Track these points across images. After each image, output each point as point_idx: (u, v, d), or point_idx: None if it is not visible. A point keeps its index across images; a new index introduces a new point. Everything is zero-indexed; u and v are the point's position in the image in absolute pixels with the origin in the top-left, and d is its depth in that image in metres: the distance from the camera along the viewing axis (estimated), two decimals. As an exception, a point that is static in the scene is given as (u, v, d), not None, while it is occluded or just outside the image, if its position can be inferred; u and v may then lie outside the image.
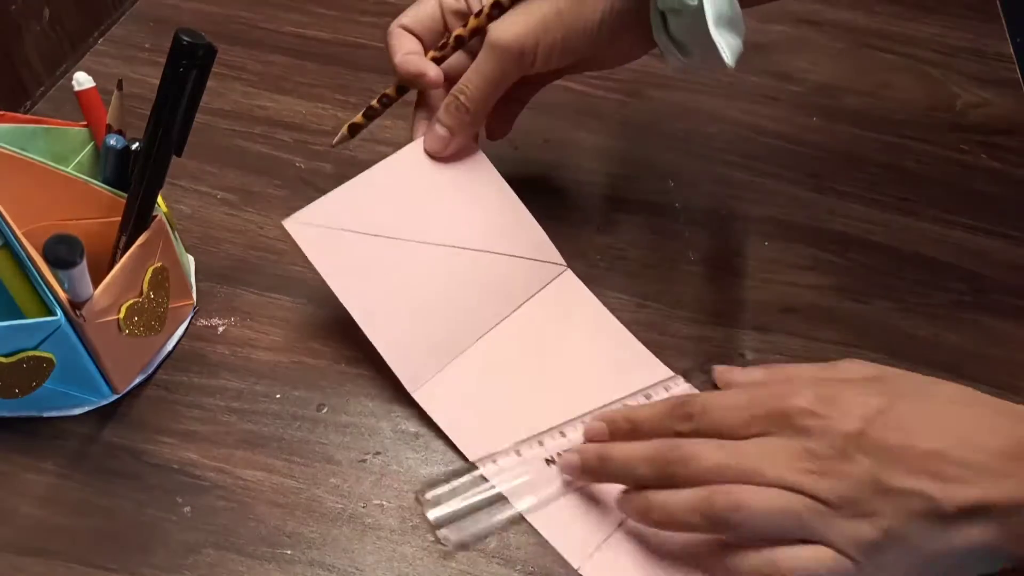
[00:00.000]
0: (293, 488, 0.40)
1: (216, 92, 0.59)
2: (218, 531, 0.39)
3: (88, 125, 0.43)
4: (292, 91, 0.60)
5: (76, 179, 0.41)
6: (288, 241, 0.43)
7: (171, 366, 0.45)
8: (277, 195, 0.53)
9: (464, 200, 0.47)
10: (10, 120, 0.42)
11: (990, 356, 0.47)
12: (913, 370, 0.46)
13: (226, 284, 0.48)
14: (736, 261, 0.51)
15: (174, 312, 0.44)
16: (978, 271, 0.51)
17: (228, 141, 0.56)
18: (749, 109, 0.61)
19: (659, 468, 0.36)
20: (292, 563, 0.38)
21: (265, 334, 0.46)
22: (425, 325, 0.45)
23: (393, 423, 0.43)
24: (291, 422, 0.43)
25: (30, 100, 0.58)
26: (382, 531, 0.39)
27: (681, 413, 0.37)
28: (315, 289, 0.48)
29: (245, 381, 0.44)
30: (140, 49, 0.62)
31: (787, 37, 0.67)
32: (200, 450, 0.41)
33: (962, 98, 0.62)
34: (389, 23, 0.46)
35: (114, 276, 0.38)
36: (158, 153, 0.39)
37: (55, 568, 0.38)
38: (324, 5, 0.67)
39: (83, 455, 0.41)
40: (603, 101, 0.61)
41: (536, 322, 0.46)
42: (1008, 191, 0.56)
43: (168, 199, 0.51)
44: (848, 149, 0.58)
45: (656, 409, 0.38)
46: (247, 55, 0.62)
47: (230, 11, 0.66)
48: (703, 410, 0.36)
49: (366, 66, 0.62)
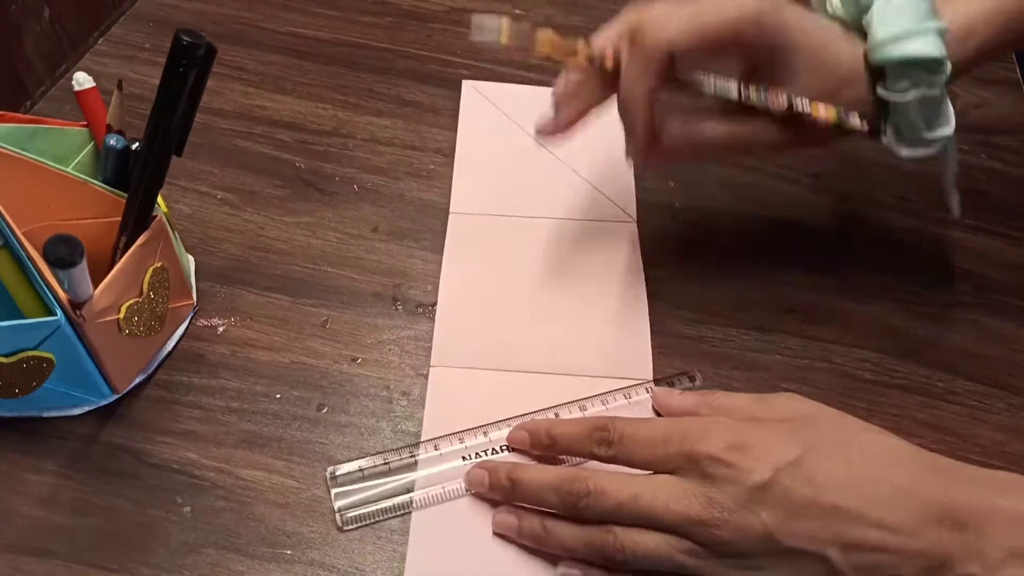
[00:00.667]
0: (293, 488, 0.40)
1: (216, 92, 0.59)
2: (218, 531, 0.39)
3: (88, 125, 0.43)
4: (292, 91, 0.60)
5: (76, 179, 0.41)
6: (288, 241, 0.43)
7: (171, 366, 0.45)
8: (277, 195, 0.53)
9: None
10: (10, 120, 0.42)
11: (990, 356, 0.47)
12: (913, 370, 0.46)
13: (226, 284, 0.48)
14: (736, 261, 0.51)
15: (174, 312, 0.44)
16: (978, 271, 0.51)
17: (228, 141, 0.56)
18: (749, 109, 0.61)
19: (564, 498, 0.36)
20: (292, 563, 0.38)
21: (265, 334, 0.46)
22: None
23: (393, 423, 0.43)
24: (291, 422, 0.43)
25: (30, 100, 0.58)
26: (382, 531, 0.39)
27: (599, 437, 0.37)
28: (315, 289, 0.48)
29: (245, 381, 0.44)
30: (140, 49, 0.62)
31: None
32: (200, 450, 0.41)
33: (962, 98, 0.62)
34: (389, 23, 0.46)
35: (114, 276, 0.38)
36: (158, 153, 0.39)
37: (55, 568, 0.38)
38: (324, 5, 0.67)
39: (83, 455, 0.41)
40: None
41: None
42: (1008, 191, 0.56)
43: (168, 199, 0.51)
44: (848, 149, 0.58)
45: (577, 428, 0.38)
46: (247, 55, 0.62)
47: (230, 11, 0.66)
48: (620, 439, 0.37)
49: (366, 66, 0.62)
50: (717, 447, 0.34)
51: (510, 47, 0.42)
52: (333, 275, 0.49)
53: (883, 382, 0.46)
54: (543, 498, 0.37)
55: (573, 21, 0.67)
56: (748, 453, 0.34)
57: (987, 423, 0.44)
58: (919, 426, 0.44)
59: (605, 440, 0.37)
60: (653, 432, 0.36)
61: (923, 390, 0.45)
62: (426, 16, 0.66)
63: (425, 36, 0.65)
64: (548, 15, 0.67)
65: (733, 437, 0.35)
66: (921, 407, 0.45)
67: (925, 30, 0.39)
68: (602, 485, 0.36)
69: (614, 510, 0.35)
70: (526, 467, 0.39)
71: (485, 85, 0.60)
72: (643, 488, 0.35)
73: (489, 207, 0.53)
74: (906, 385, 0.45)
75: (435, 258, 0.50)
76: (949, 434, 0.44)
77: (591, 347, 0.46)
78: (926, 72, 0.40)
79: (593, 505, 0.35)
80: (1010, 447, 0.43)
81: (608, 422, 0.37)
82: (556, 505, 0.37)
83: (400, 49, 0.63)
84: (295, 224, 0.51)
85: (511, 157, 0.56)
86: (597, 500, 0.35)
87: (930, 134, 0.42)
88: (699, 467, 0.34)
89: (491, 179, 0.54)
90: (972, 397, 0.45)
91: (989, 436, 0.44)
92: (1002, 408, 0.45)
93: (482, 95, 0.59)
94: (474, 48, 0.64)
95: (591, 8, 0.68)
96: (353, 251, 0.50)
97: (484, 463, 0.40)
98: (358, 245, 0.51)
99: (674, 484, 0.35)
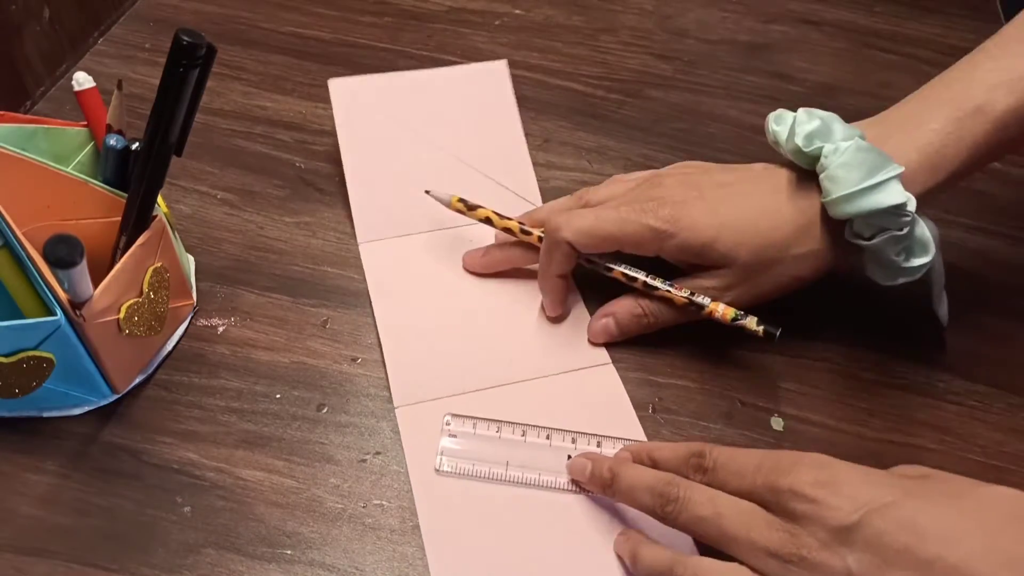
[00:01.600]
0: (293, 488, 0.40)
1: (216, 92, 0.59)
2: (218, 531, 0.39)
3: (88, 125, 0.43)
4: (292, 91, 0.60)
5: (76, 179, 0.41)
6: (288, 241, 0.43)
7: (171, 366, 0.45)
8: (277, 195, 0.53)
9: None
10: (10, 120, 0.42)
11: (990, 356, 0.47)
12: (913, 370, 0.46)
13: (226, 284, 0.48)
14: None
15: (174, 312, 0.44)
16: (978, 271, 0.51)
17: (228, 141, 0.56)
18: (749, 109, 0.61)
19: (656, 499, 0.36)
20: (292, 563, 0.38)
21: (265, 334, 0.46)
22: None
23: (393, 423, 0.43)
24: (291, 422, 0.43)
25: (30, 100, 0.58)
26: (382, 531, 0.39)
27: (696, 464, 0.36)
28: (315, 289, 0.48)
29: (245, 381, 0.44)
30: (140, 49, 0.62)
31: (787, 37, 0.67)
32: (200, 450, 0.41)
33: (962, 98, 0.62)
34: (389, 23, 0.46)
35: (114, 276, 0.38)
36: (158, 153, 0.39)
37: (55, 568, 0.38)
38: (324, 5, 0.67)
39: (83, 455, 0.41)
40: (603, 101, 0.61)
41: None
42: (1008, 191, 0.56)
43: (168, 199, 0.51)
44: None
45: (676, 452, 0.38)
46: (247, 55, 0.62)
47: (230, 11, 0.66)
48: (714, 466, 0.36)
49: (366, 66, 0.62)
50: (803, 481, 0.32)
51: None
52: (333, 275, 0.49)
53: (883, 382, 0.46)
54: (637, 496, 0.37)
55: (573, 21, 0.67)
56: (837, 491, 0.32)
57: (987, 423, 0.44)
58: (919, 426, 0.44)
59: (701, 467, 0.36)
60: (746, 462, 0.35)
61: (923, 390, 0.45)
62: (426, 16, 0.66)
63: (425, 36, 0.65)
64: (548, 15, 0.68)
65: (824, 473, 0.33)
66: (921, 407, 0.45)
67: (881, 181, 0.39)
68: (691, 494, 0.35)
69: (695, 522, 0.34)
70: (629, 465, 0.38)
71: (354, 80, 0.54)
72: (730, 509, 0.34)
73: (398, 228, 0.50)
74: (906, 385, 0.45)
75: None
76: (949, 434, 0.44)
77: (543, 347, 0.46)
78: (892, 215, 0.39)
79: (677, 512, 0.35)
80: (1010, 447, 0.43)
81: (706, 449, 0.36)
82: (647, 505, 0.36)
83: (400, 49, 0.63)
84: (295, 224, 0.51)
85: (405, 163, 0.52)
86: (683, 507, 0.35)
87: (909, 263, 0.42)
88: (782, 501, 0.33)
89: (390, 194, 0.51)
90: (972, 397, 0.45)
91: (989, 436, 0.44)
92: (1002, 408, 0.45)
93: (355, 92, 0.53)
94: (474, 48, 0.64)
95: (591, 8, 0.68)
96: (353, 251, 0.50)
97: (588, 454, 0.40)
98: (358, 245, 0.51)
99: (759, 514, 0.33)
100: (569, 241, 0.43)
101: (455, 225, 0.50)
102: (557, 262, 0.44)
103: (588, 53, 0.65)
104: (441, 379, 0.44)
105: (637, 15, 0.68)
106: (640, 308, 0.45)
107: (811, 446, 0.42)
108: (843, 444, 0.43)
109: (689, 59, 0.65)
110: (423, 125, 0.53)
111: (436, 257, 0.49)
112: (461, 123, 0.54)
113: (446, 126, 0.54)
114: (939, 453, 0.43)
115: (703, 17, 0.69)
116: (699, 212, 0.43)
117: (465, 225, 0.50)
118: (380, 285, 0.48)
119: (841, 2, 0.70)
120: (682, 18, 0.69)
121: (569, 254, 0.44)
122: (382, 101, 0.53)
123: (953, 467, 0.34)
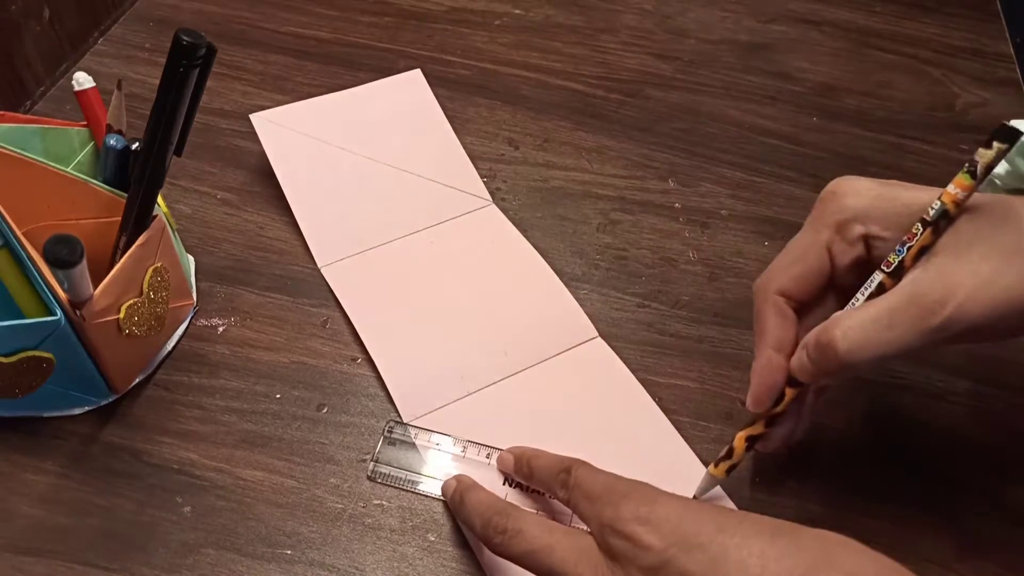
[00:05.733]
0: (293, 488, 0.40)
1: (216, 92, 0.59)
2: (218, 531, 0.39)
3: (88, 125, 0.43)
4: (292, 91, 0.60)
5: (76, 179, 0.41)
6: (288, 241, 0.43)
7: (171, 366, 0.45)
8: (277, 195, 0.53)
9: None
10: (10, 120, 0.42)
11: (990, 356, 0.47)
12: (913, 370, 0.46)
13: (226, 284, 0.48)
14: (736, 261, 0.51)
15: (174, 312, 0.44)
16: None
17: (228, 141, 0.56)
18: (749, 109, 0.61)
19: (486, 529, 0.35)
20: (292, 563, 0.38)
21: (265, 334, 0.46)
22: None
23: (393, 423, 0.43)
24: (291, 422, 0.43)
25: (30, 100, 0.58)
26: (382, 531, 0.39)
27: (562, 480, 0.35)
28: (315, 289, 0.48)
29: (245, 381, 0.44)
30: (140, 49, 0.62)
31: (787, 37, 0.67)
32: (200, 450, 0.41)
33: (962, 98, 0.62)
34: (389, 23, 0.46)
35: (114, 276, 0.38)
36: (158, 153, 0.39)
37: (55, 568, 0.38)
38: (324, 5, 0.67)
39: (83, 455, 0.41)
40: (603, 101, 0.61)
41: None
42: (1008, 191, 0.56)
43: (168, 199, 0.51)
44: (848, 149, 0.58)
45: (551, 465, 0.37)
46: (247, 55, 0.62)
47: (230, 11, 0.66)
48: (574, 486, 0.35)
49: (366, 66, 0.62)
50: (623, 517, 0.31)
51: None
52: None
53: (883, 382, 0.46)
54: (471, 523, 0.36)
55: (573, 21, 0.67)
56: (655, 528, 0.30)
57: (987, 423, 0.44)
58: (919, 426, 0.44)
59: (565, 484, 0.35)
60: (593, 488, 0.34)
61: (923, 390, 0.45)
62: (426, 16, 0.66)
63: (425, 36, 0.65)
64: (548, 15, 0.68)
65: (644, 509, 0.31)
66: (921, 407, 0.45)
67: None
68: (522, 527, 0.34)
69: (525, 555, 0.33)
70: (476, 490, 0.38)
71: (275, 112, 0.54)
72: (562, 543, 0.32)
73: (354, 245, 0.50)
74: (906, 385, 0.46)
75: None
76: (949, 434, 0.44)
77: (533, 332, 0.46)
78: None
79: (506, 544, 0.34)
80: (1010, 447, 0.43)
81: (574, 466, 0.35)
82: (478, 534, 0.35)
83: (400, 49, 0.63)
84: (295, 224, 0.51)
85: (346, 182, 0.52)
86: (511, 539, 0.34)
87: None
88: (606, 536, 0.31)
89: (339, 214, 0.51)
90: (972, 397, 0.45)
91: (989, 436, 0.44)
92: (1002, 408, 0.45)
93: (279, 125, 0.53)
94: (474, 48, 0.64)
95: (591, 8, 0.68)
96: (353, 251, 0.50)
97: (513, 448, 0.40)
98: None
99: (591, 552, 0.32)
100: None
101: (411, 232, 0.51)
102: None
103: (588, 53, 0.65)
104: (444, 386, 0.44)
105: (637, 15, 0.68)
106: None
107: (811, 446, 0.42)
108: (843, 444, 0.43)
109: (689, 59, 0.65)
110: (356, 143, 0.53)
111: (399, 266, 0.49)
112: (392, 134, 0.54)
113: (378, 139, 0.54)
114: (939, 453, 0.43)
115: (703, 17, 0.69)
116: None
117: (417, 231, 0.51)
118: (355, 304, 0.47)
119: (841, 2, 0.70)
120: (682, 18, 0.69)
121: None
122: (309, 126, 0.53)
123: (954, 467, 0.34)
